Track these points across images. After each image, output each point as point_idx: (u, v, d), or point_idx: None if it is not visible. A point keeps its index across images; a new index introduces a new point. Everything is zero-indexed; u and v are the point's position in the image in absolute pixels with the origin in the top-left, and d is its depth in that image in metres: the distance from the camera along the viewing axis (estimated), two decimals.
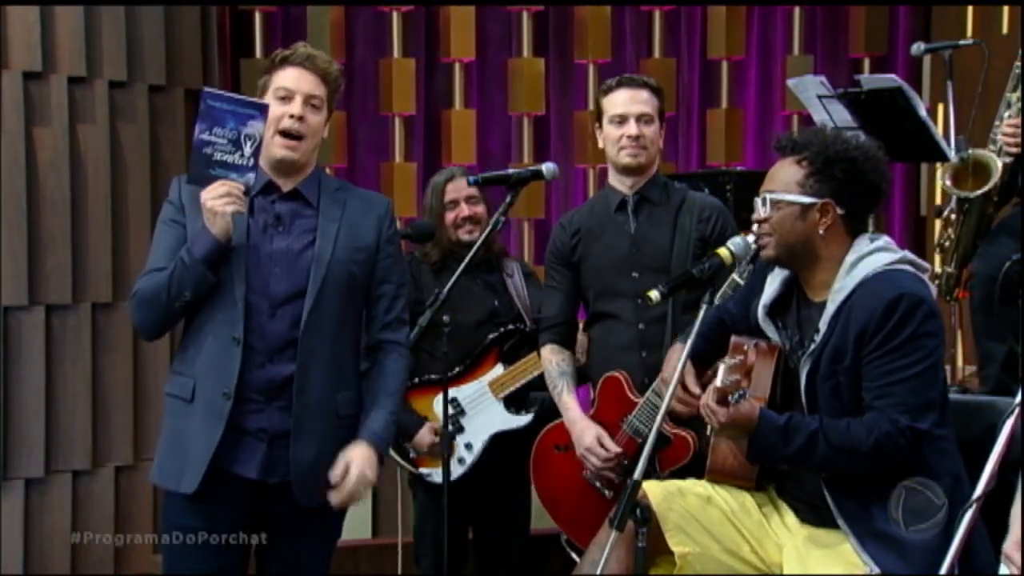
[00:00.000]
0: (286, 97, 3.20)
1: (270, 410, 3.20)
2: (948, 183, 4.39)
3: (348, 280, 3.26)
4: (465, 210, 4.28)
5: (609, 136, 3.94)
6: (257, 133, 3.13)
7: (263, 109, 3.15)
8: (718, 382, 2.92)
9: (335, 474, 3.19)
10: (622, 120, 3.91)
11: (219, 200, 3.10)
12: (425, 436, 4.19)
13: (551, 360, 4.05)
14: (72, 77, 4.94)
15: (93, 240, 4.99)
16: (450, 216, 4.30)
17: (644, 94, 3.93)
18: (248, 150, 3.13)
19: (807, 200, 3.08)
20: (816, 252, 3.10)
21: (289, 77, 3.22)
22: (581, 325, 4.15)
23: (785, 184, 3.11)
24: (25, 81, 4.82)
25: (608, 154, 3.98)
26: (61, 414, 4.93)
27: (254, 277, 3.19)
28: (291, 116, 3.19)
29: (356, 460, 3.20)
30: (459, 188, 4.29)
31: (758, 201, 3.15)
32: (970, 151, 4.36)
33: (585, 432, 3.92)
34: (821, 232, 3.09)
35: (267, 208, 3.24)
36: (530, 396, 4.35)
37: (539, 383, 4.24)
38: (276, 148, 3.21)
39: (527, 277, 4.46)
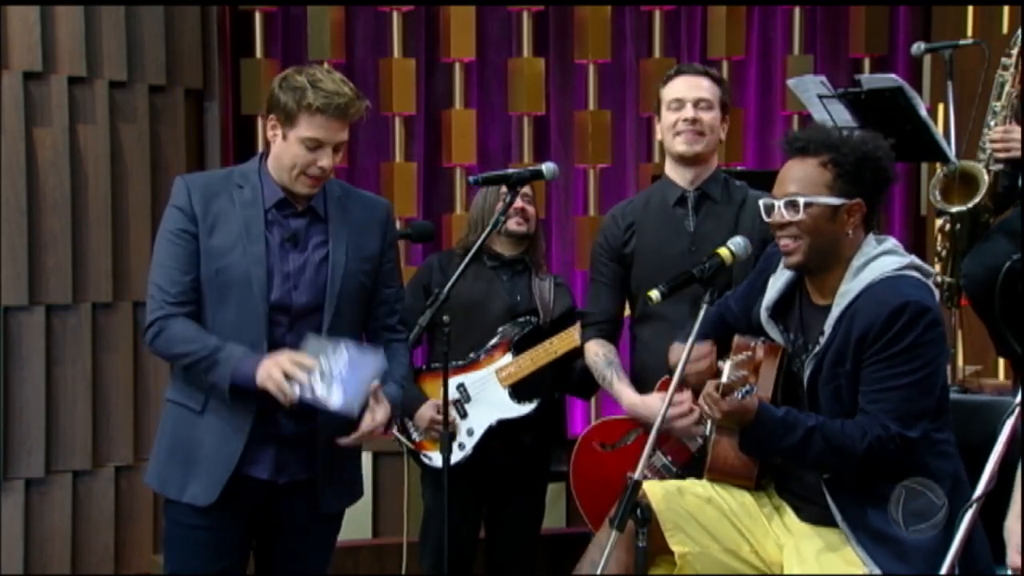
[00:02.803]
0: (315, 148, 3.15)
1: (280, 415, 3.21)
2: (938, 198, 4.39)
3: (359, 290, 3.29)
4: (519, 202, 4.26)
5: (666, 122, 3.81)
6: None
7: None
8: (724, 378, 2.90)
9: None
10: (679, 105, 3.79)
11: (284, 376, 3.06)
12: (426, 412, 4.21)
13: (597, 352, 3.92)
14: (72, 77, 4.94)
15: (93, 240, 5.00)
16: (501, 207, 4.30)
17: (704, 81, 3.81)
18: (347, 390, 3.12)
19: (837, 201, 3.07)
20: (840, 253, 3.10)
21: (320, 127, 3.14)
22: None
23: (813, 186, 3.08)
24: (25, 81, 4.82)
25: (665, 143, 3.87)
26: (61, 414, 4.93)
27: (274, 293, 3.19)
28: (320, 168, 3.16)
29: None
30: None
31: (779, 205, 3.11)
32: (958, 163, 4.36)
33: (654, 406, 3.66)
34: (849, 233, 3.09)
35: (282, 223, 3.23)
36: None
37: (546, 374, 4.27)
38: (300, 186, 3.20)
39: (556, 286, 4.46)
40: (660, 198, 3.89)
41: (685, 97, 3.79)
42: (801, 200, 3.08)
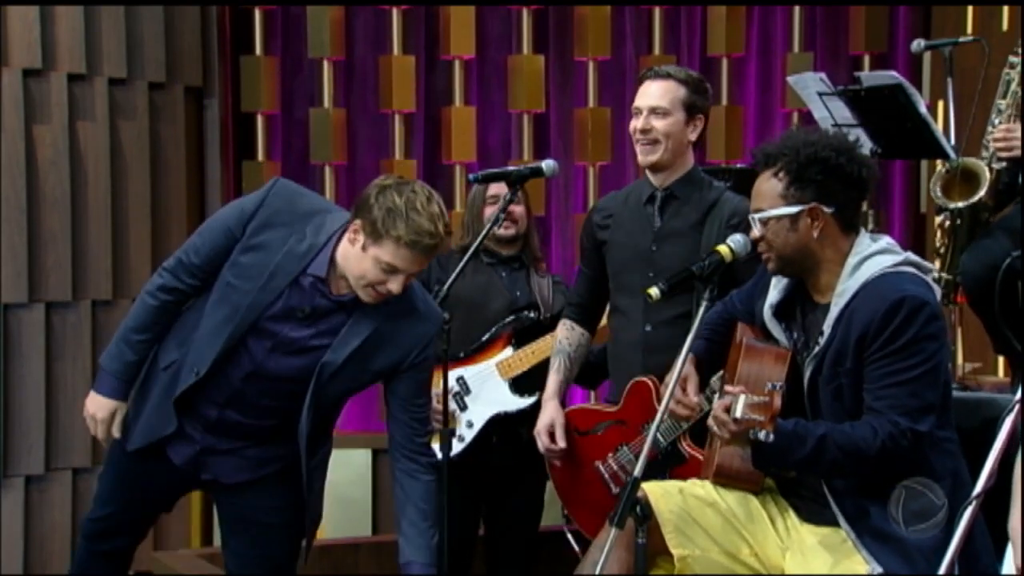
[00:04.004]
0: (390, 271, 3.03)
1: (211, 435, 3.25)
2: (939, 194, 4.38)
3: (345, 393, 3.26)
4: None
5: (630, 129, 3.85)
6: None
7: None
8: (737, 412, 2.85)
9: None
10: (637, 113, 3.80)
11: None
12: None
13: (558, 336, 4.03)
14: (72, 74, 4.95)
15: (93, 237, 5.00)
16: (488, 211, 4.32)
17: (663, 85, 3.78)
18: None
19: (792, 210, 3.07)
20: (816, 257, 3.10)
21: (403, 259, 3.01)
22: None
23: (769, 199, 3.10)
24: (25, 78, 4.83)
25: None
26: (61, 411, 4.93)
27: (253, 341, 3.15)
28: (388, 290, 3.06)
29: None
30: (501, 185, 4.30)
31: (751, 220, 3.14)
32: (959, 159, 4.35)
33: (543, 414, 3.92)
34: (816, 236, 3.08)
35: (308, 296, 3.13)
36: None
37: (546, 367, 4.27)
38: (363, 295, 3.09)
39: (555, 283, 4.49)
40: (637, 195, 3.93)
41: (640, 106, 3.80)
42: (757, 217, 3.11)
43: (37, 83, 4.87)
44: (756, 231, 3.12)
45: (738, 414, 2.85)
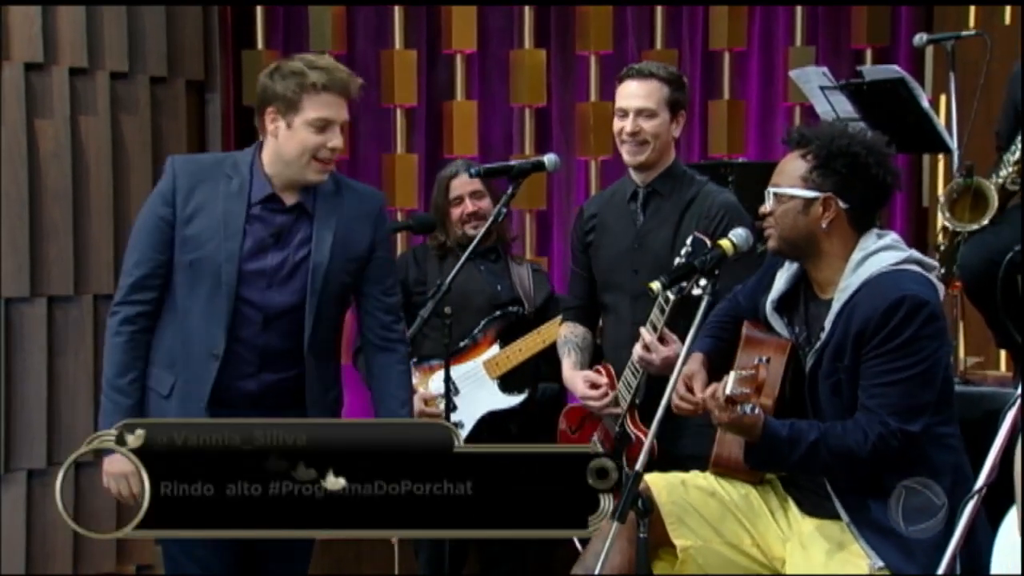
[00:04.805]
0: (324, 128, 3.12)
1: (254, 414, 3.21)
2: (947, 213, 4.33)
3: (341, 290, 3.28)
4: (469, 206, 4.31)
5: (614, 128, 3.88)
6: None
7: None
8: (728, 389, 2.89)
9: None
10: (623, 113, 3.83)
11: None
12: (415, 404, 4.22)
13: (561, 333, 4.03)
14: (74, 68, 4.94)
15: (95, 231, 4.99)
16: (455, 212, 4.33)
17: (649, 85, 3.81)
18: None
19: (809, 194, 3.07)
20: (819, 247, 3.10)
21: (327, 105, 3.12)
22: None
23: (789, 178, 3.11)
24: (27, 72, 4.82)
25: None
26: (63, 406, 4.93)
27: (248, 290, 3.18)
28: (331, 148, 3.14)
29: None
30: (463, 184, 4.31)
31: (766, 193, 3.15)
32: (974, 179, 4.28)
33: (576, 383, 3.90)
34: (824, 226, 3.08)
35: (266, 219, 3.21)
36: (539, 385, 4.38)
37: (534, 364, 4.27)
38: (311, 173, 3.17)
39: (535, 272, 4.49)
40: (622, 193, 3.94)
41: (627, 107, 3.82)
42: (773, 191, 3.12)
43: (39, 77, 4.86)
44: (767, 205, 3.13)
45: (728, 390, 2.88)
